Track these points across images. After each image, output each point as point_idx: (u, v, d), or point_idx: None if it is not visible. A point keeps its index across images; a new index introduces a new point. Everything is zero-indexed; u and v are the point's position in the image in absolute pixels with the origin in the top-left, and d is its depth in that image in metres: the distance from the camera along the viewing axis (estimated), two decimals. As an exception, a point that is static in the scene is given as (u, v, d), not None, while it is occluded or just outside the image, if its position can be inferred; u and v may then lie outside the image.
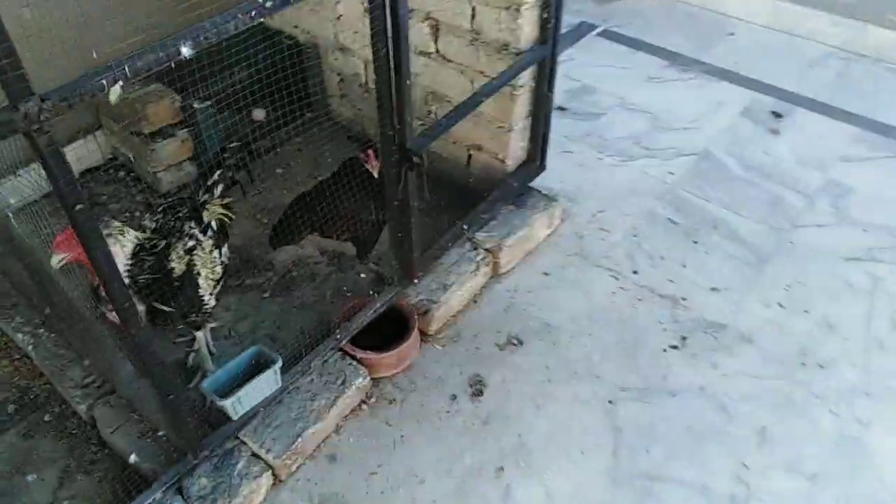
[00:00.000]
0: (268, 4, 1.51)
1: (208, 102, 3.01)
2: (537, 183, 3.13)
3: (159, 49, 1.37)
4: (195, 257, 2.16)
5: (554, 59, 2.71)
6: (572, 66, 4.22)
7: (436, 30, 2.85)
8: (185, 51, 1.39)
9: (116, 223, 2.03)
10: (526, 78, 2.72)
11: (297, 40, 3.37)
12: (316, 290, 2.76)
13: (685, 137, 3.69)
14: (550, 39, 2.63)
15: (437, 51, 2.91)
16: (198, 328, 2.37)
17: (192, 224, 2.22)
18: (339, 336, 2.36)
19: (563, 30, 4.82)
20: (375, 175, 2.37)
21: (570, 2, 4.85)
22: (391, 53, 1.92)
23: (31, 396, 2.51)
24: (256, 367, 2.23)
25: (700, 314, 2.77)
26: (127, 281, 1.90)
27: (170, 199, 2.36)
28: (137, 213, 3.10)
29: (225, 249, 2.27)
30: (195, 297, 2.15)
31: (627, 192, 3.35)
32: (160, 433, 2.21)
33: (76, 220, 1.44)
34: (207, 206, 2.31)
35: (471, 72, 2.83)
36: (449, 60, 2.89)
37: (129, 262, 1.99)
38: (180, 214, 2.26)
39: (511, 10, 2.54)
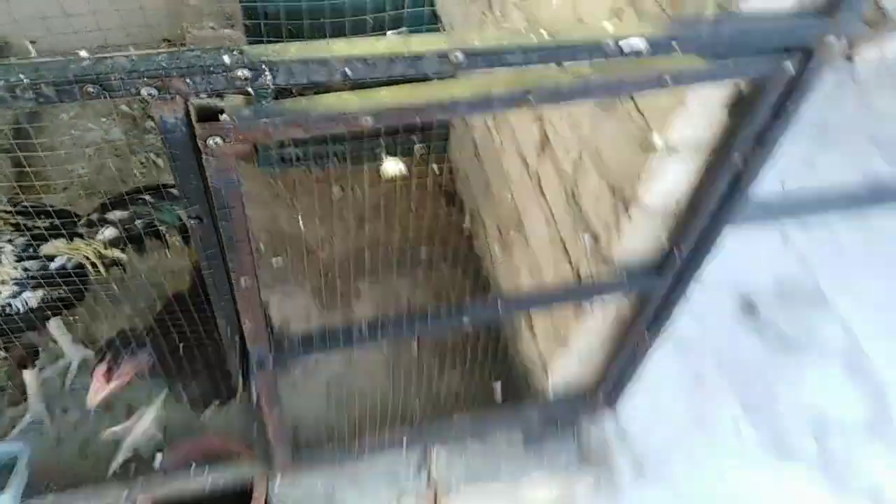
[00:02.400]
0: None
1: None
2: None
3: None
4: None
5: (671, 300, 1.49)
6: (826, 246, 2.68)
7: (544, 141, 1.76)
8: None
9: None
10: (617, 296, 1.56)
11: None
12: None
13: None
14: (671, 272, 1.42)
15: (536, 169, 1.82)
16: (22, 366, 1.83)
17: (12, 238, 1.61)
18: None
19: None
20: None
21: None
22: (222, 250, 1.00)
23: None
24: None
25: None
26: None
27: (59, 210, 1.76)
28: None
29: (28, 295, 1.62)
30: None
31: (732, 506, 2.02)
32: None
33: None
34: (73, 239, 1.68)
35: (554, 228, 1.73)
36: (542, 192, 1.80)
37: None
38: (32, 224, 1.66)
39: (618, 197, 1.37)
